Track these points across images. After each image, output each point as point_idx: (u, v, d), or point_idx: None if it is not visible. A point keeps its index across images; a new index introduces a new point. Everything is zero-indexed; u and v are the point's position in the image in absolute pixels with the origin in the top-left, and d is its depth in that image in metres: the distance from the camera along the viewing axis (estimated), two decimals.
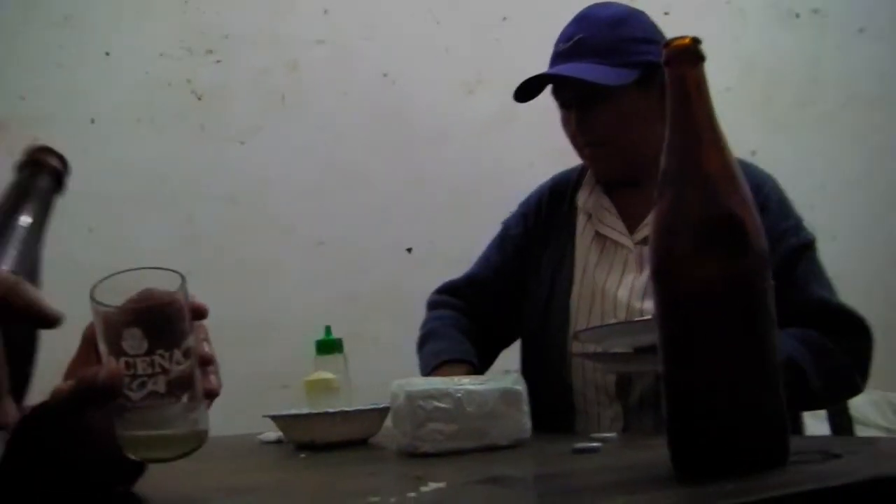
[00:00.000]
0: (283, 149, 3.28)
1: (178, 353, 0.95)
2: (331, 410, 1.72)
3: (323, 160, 3.33)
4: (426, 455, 1.39)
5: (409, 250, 3.38)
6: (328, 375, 1.88)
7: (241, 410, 1.95)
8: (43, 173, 0.82)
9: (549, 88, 2.06)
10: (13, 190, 0.81)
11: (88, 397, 0.95)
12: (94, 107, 3.07)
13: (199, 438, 0.98)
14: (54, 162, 0.83)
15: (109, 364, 0.92)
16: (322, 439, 1.68)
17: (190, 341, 0.96)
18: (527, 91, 2.04)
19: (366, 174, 3.38)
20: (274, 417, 1.79)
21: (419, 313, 2.31)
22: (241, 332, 2.76)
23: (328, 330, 2.02)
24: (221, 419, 1.16)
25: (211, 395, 0.99)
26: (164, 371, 0.95)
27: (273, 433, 1.89)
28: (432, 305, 2.32)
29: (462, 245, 2.62)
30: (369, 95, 3.46)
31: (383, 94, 3.49)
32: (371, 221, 3.34)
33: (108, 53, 3.11)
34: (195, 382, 0.97)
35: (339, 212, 3.31)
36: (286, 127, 3.31)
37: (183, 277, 0.95)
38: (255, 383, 2.60)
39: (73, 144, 2.94)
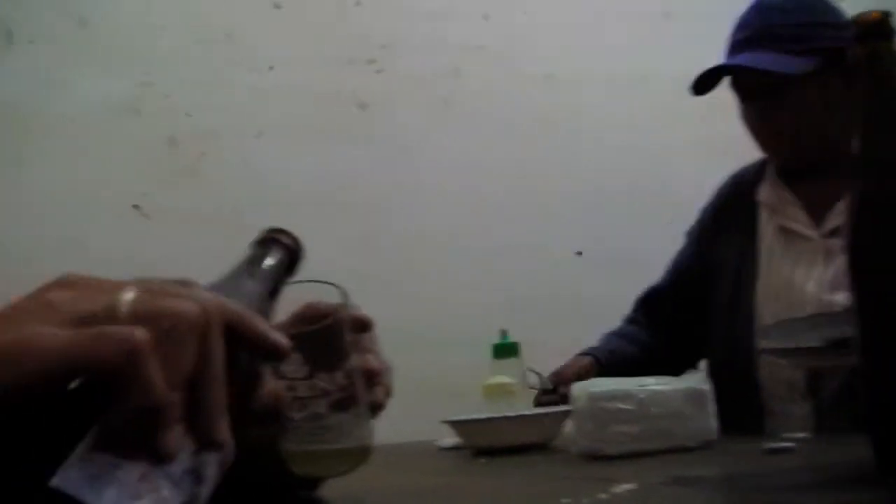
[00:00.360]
0: (448, 155, 3.30)
1: (339, 375, 0.95)
2: (511, 414, 1.72)
3: (488, 165, 3.33)
4: (610, 457, 1.38)
5: (579, 254, 3.36)
6: (506, 379, 1.89)
7: (416, 417, 1.96)
8: (276, 248, 0.84)
9: (725, 79, 2.02)
10: (247, 258, 0.83)
11: (250, 418, 0.97)
12: (259, 121, 3.14)
13: (363, 453, 0.99)
14: (287, 240, 0.85)
15: (271, 386, 0.93)
16: (502, 443, 1.68)
17: (353, 361, 0.96)
18: (703, 83, 2.00)
19: (532, 177, 3.37)
20: (452, 423, 1.79)
21: (591, 317, 2.30)
22: (413, 339, 2.78)
23: (505, 334, 2.02)
24: (398, 426, 1.17)
25: (377, 408, 0.99)
26: (326, 393, 0.96)
27: (451, 439, 1.90)
28: (623, 321, 2.31)
29: (632, 247, 2.60)
30: (533, 98, 3.45)
31: (547, 95, 3.47)
32: (540, 225, 3.33)
33: (271, 67, 3.18)
34: (359, 400, 0.97)
35: (507, 216, 3.31)
36: (450, 133, 3.32)
37: (345, 293, 0.95)
38: (429, 389, 2.61)
39: (241, 159, 3.04)
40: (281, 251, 0.84)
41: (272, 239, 0.84)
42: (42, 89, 2.79)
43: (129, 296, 0.61)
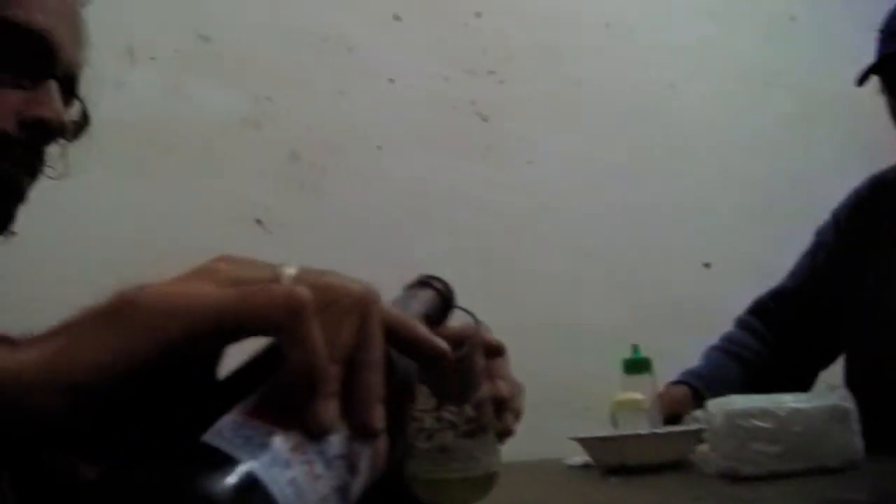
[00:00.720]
0: (572, 166, 3.27)
1: (468, 408, 0.94)
2: (643, 432, 1.68)
3: (611, 174, 3.30)
4: (748, 478, 1.33)
5: (707, 265, 3.30)
6: (637, 396, 1.85)
7: (543, 433, 1.93)
8: (429, 293, 0.85)
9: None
10: (400, 298, 0.84)
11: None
12: (379, 133, 3.14)
13: (489, 482, 0.98)
14: (439, 286, 0.86)
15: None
16: (633, 462, 1.64)
17: (482, 392, 0.95)
18: (863, 75, 1.92)
19: (657, 186, 3.33)
20: (581, 440, 1.76)
21: (719, 329, 2.26)
22: (539, 353, 2.76)
23: (636, 349, 1.98)
24: (523, 443, 1.15)
25: (505, 434, 0.99)
26: (453, 426, 0.95)
27: (580, 457, 1.86)
28: (735, 324, 2.26)
29: (762, 257, 2.52)
30: (657, 106, 3.41)
31: (671, 103, 3.43)
32: (666, 234, 3.29)
33: (391, 80, 3.18)
34: (487, 430, 0.96)
35: (632, 226, 3.27)
36: (572, 143, 3.29)
37: (477, 321, 0.93)
38: (556, 405, 2.59)
39: (361, 171, 3.06)
40: (434, 296, 0.84)
41: (426, 283, 0.85)
42: (164, 104, 2.82)
43: (291, 270, 0.62)
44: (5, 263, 1.25)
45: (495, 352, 0.99)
